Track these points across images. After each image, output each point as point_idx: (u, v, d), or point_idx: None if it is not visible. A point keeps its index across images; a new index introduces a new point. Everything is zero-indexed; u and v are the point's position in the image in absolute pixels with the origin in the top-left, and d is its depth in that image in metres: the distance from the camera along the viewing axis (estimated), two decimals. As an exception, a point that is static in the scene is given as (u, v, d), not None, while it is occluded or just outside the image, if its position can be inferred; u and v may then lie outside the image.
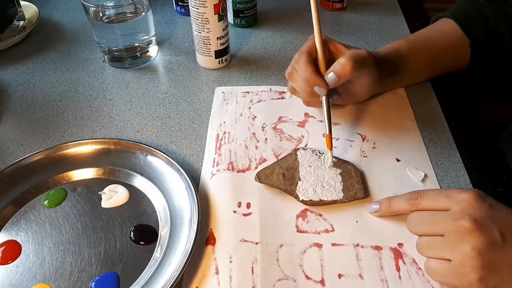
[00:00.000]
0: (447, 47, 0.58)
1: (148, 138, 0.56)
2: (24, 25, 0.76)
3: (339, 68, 0.47)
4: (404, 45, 0.57)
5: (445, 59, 0.59)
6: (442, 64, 0.59)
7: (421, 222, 0.40)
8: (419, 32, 0.60)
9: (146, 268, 0.42)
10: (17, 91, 0.64)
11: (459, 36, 0.58)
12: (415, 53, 0.57)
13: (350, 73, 0.47)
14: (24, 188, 0.48)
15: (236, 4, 0.73)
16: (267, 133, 0.55)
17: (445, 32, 0.59)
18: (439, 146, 0.53)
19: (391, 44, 0.58)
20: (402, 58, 0.56)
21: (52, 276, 0.41)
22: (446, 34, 0.59)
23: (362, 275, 0.41)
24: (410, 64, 0.57)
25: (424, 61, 0.58)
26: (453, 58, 0.59)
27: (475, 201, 0.37)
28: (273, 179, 0.48)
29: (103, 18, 0.64)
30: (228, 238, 0.44)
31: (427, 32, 0.60)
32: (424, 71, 0.59)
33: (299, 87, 0.50)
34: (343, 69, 0.47)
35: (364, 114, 0.57)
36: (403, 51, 0.56)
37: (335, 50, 0.52)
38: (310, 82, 0.48)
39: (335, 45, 0.52)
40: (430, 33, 0.60)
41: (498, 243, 0.35)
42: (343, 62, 0.47)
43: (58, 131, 0.57)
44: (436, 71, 0.60)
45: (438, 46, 0.58)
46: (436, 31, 0.60)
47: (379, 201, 0.45)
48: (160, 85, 0.64)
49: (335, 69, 0.48)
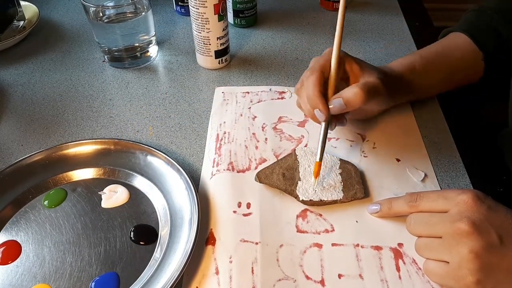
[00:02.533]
0: (461, 61, 0.57)
1: (148, 138, 0.56)
2: (24, 25, 0.76)
3: (350, 96, 0.45)
4: (419, 61, 0.55)
5: (459, 74, 0.58)
6: (456, 79, 0.58)
7: (420, 224, 0.40)
8: (433, 47, 0.58)
9: (146, 268, 0.42)
10: (17, 91, 0.64)
11: (472, 50, 0.57)
12: (430, 70, 0.55)
13: (360, 104, 0.45)
14: (24, 188, 0.48)
15: (236, 4, 0.73)
16: (267, 133, 0.55)
17: (458, 47, 0.58)
18: (439, 146, 0.53)
19: (405, 59, 0.56)
20: (416, 75, 0.54)
21: (52, 276, 0.41)
22: (459, 48, 0.57)
23: (362, 275, 0.41)
24: (425, 81, 0.55)
25: (438, 77, 0.56)
26: (466, 72, 0.58)
27: (473, 203, 0.37)
28: (273, 179, 0.48)
29: (103, 18, 0.64)
30: (228, 238, 0.44)
31: (440, 47, 0.59)
32: (437, 87, 0.58)
33: (303, 105, 0.49)
34: (354, 99, 0.45)
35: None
36: (418, 68, 0.55)
37: (350, 70, 0.49)
38: (312, 103, 0.46)
39: (351, 65, 0.49)
40: (444, 48, 0.58)
41: (496, 246, 0.35)
42: (356, 92, 0.45)
43: (58, 131, 0.57)
44: (449, 86, 0.58)
45: (452, 61, 0.57)
46: (449, 46, 0.58)
47: (379, 202, 0.45)
48: (160, 85, 0.64)
49: (346, 96, 0.45)
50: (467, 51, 0.57)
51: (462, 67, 0.57)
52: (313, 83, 0.46)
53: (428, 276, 0.39)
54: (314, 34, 0.74)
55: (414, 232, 0.41)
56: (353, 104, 0.45)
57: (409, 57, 0.56)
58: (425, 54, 0.57)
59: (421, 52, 0.57)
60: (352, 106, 0.45)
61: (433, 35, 0.61)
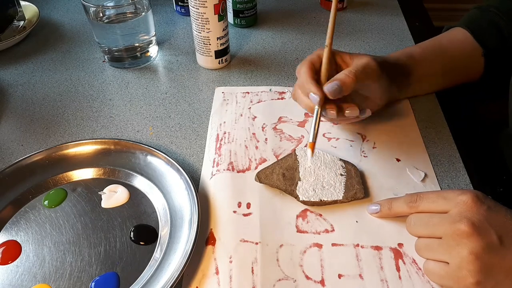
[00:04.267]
0: (460, 54, 0.57)
1: (148, 138, 0.56)
2: (24, 25, 0.76)
3: (343, 77, 0.46)
4: (417, 50, 0.56)
5: (459, 67, 0.58)
6: (456, 72, 0.58)
7: (420, 224, 0.40)
8: (431, 39, 0.59)
9: (146, 268, 0.42)
10: (17, 91, 0.64)
11: (472, 45, 0.57)
12: (428, 58, 0.56)
13: (353, 82, 0.46)
14: (24, 188, 0.48)
15: (236, 4, 0.73)
16: (267, 133, 0.55)
17: (457, 40, 0.58)
18: (439, 146, 0.53)
19: (403, 49, 0.57)
20: (414, 61, 0.55)
21: (52, 276, 0.41)
22: (459, 42, 0.58)
23: (362, 275, 0.41)
24: (423, 69, 0.56)
25: (437, 66, 0.57)
26: (466, 67, 0.58)
27: (473, 204, 0.37)
28: (273, 179, 0.48)
29: (103, 18, 0.64)
30: (228, 238, 0.44)
31: (440, 39, 0.59)
32: (438, 78, 0.58)
33: (298, 98, 0.49)
34: (347, 78, 0.46)
35: (364, 114, 0.57)
36: (415, 55, 0.56)
37: (341, 62, 0.50)
38: (305, 90, 0.47)
39: (342, 57, 0.50)
40: (442, 40, 0.59)
41: (496, 247, 0.35)
42: (346, 72, 0.46)
43: (58, 131, 0.57)
44: (450, 80, 0.58)
45: (450, 52, 0.57)
46: (448, 39, 0.59)
47: (379, 202, 0.45)
48: (160, 85, 0.64)
49: (339, 77, 0.46)
50: (467, 46, 0.57)
51: (461, 62, 0.58)
52: (304, 72, 0.48)
53: (428, 276, 0.39)
54: (314, 34, 0.74)
55: (414, 232, 0.41)
56: (347, 84, 0.45)
57: (408, 47, 0.57)
58: (423, 44, 0.58)
59: (420, 43, 0.58)
60: (347, 87, 0.46)
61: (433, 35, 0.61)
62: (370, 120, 0.56)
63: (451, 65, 0.57)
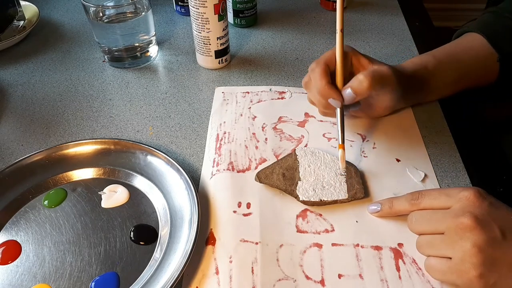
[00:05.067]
0: (475, 62, 0.56)
1: (148, 138, 0.56)
2: (24, 25, 0.76)
3: (356, 84, 0.46)
4: (432, 61, 0.55)
5: (473, 75, 0.57)
6: (470, 79, 0.57)
7: (422, 221, 0.40)
8: (446, 47, 0.58)
9: (146, 268, 0.42)
10: (17, 91, 0.64)
11: (487, 51, 0.56)
12: (443, 69, 0.55)
13: (367, 91, 0.46)
14: (24, 188, 0.48)
15: (236, 4, 0.73)
16: (267, 133, 0.55)
17: (472, 47, 0.57)
18: (439, 146, 0.53)
19: (417, 59, 0.56)
20: (429, 75, 0.54)
21: (52, 276, 0.41)
22: (474, 49, 0.57)
23: (362, 275, 0.41)
24: (438, 81, 0.55)
25: (452, 77, 0.56)
26: (481, 73, 0.57)
27: (476, 199, 0.38)
28: (273, 179, 0.48)
29: (103, 18, 0.64)
30: (228, 238, 0.44)
31: (454, 47, 0.58)
32: (451, 87, 0.57)
33: (314, 98, 0.50)
34: (360, 86, 0.46)
35: (364, 114, 0.57)
36: (430, 67, 0.54)
37: (357, 64, 0.50)
38: (324, 94, 0.47)
39: (358, 59, 0.50)
40: (457, 48, 0.58)
41: (498, 240, 0.36)
42: (361, 79, 0.46)
43: (58, 131, 0.57)
44: (463, 87, 0.57)
45: (466, 61, 0.56)
46: (463, 46, 0.58)
47: (380, 201, 0.45)
48: (160, 85, 0.64)
49: (352, 85, 0.46)
50: (482, 52, 0.56)
51: (476, 68, 0.57)
52: (320, 74, 0.47)
53: (430, 273, 0.39)
54: (314, 34, 0.74)
55: (416, 229, 0.41)
56: (361, 92, 0.46)
57: (422, 57, 0.56)
58: (438, 54, 0.57)
59: (434, 52, 0.57)
60: (361, 94, 0.46)
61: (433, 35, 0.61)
62: (370, 120, 0.56)
63: (465, 74, 0.56)
